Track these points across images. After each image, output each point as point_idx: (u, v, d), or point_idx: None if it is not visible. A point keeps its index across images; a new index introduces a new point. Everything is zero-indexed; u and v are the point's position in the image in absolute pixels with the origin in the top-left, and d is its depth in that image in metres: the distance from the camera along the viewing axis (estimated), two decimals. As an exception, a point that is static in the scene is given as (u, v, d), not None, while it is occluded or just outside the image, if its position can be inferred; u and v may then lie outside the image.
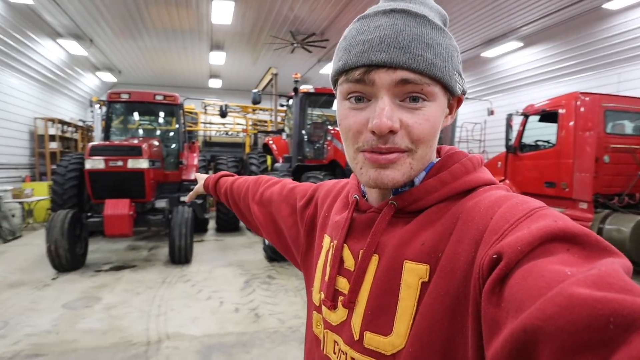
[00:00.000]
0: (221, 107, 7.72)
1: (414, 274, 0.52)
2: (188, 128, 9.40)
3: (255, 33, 9.59)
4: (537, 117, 6.16)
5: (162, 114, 7.37)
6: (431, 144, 0.56)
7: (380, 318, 0.54)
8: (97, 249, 6.48)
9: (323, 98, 7.29)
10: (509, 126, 6.27)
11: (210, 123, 12.54)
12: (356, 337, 0.56)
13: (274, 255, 5.74)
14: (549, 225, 0.39)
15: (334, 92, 0.62)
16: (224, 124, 12.41)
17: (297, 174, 6.35)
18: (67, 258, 5.05)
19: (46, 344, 3.21)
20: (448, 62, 0.54)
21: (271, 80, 10.56)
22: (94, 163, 5.16)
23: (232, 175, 1.18)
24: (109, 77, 13.50)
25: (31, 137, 10.36)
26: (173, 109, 6.96)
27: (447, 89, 0.55)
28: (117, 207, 5.04)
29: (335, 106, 0.58)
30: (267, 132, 10.30)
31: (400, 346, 0.51)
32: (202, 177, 1.28)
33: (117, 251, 6.45)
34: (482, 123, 8.33)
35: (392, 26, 0.52)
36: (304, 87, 7.13)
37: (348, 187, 0.74)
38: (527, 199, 0.48)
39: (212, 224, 8.49)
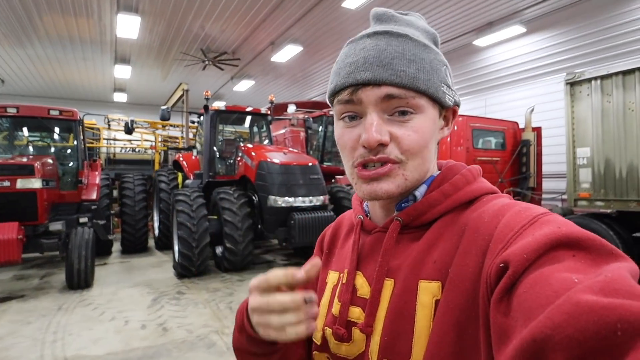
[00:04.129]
0: (127, 122, 7.44)
1: (428, 292, 0.51)
2: (88, 145, 8.84)
3: (164, 49, 9.47)
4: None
5: (57, 129, 6.86)
6: (423, 155, 0.57)
7: (397, 344, 0.52)
8: (-25, 280, 5.75)
9: (235, 115, 7.50)
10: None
11: (115, 139, 11.74)
12: None
13: (184, 272, 5.70)
14: (554, 231, 0.39)
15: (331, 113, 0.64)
16: (130, 140, 11.73)
17: (208, 189, 6.42)
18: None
19: None
20: (432, 75, 0.56)
21: (182, 96, 10.40)
22: (-27, 183, 4.68)
23: None
24: (-11, 88, 12.03)
25: None
26: (71, 124, 6.54)
27: (435, 101, 0.57)
28: (2, 232, 4.61)
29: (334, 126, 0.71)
30: (177, 149, 10.06)
31: None
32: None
33: (0, 282, 5.80)
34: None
35: (375, 47, 0.55)
36: (215, 105, 7.21)
37: (350, 214, 0.75)
38: (531, 206, 0.48)
39: (117, 247, 8.02)
